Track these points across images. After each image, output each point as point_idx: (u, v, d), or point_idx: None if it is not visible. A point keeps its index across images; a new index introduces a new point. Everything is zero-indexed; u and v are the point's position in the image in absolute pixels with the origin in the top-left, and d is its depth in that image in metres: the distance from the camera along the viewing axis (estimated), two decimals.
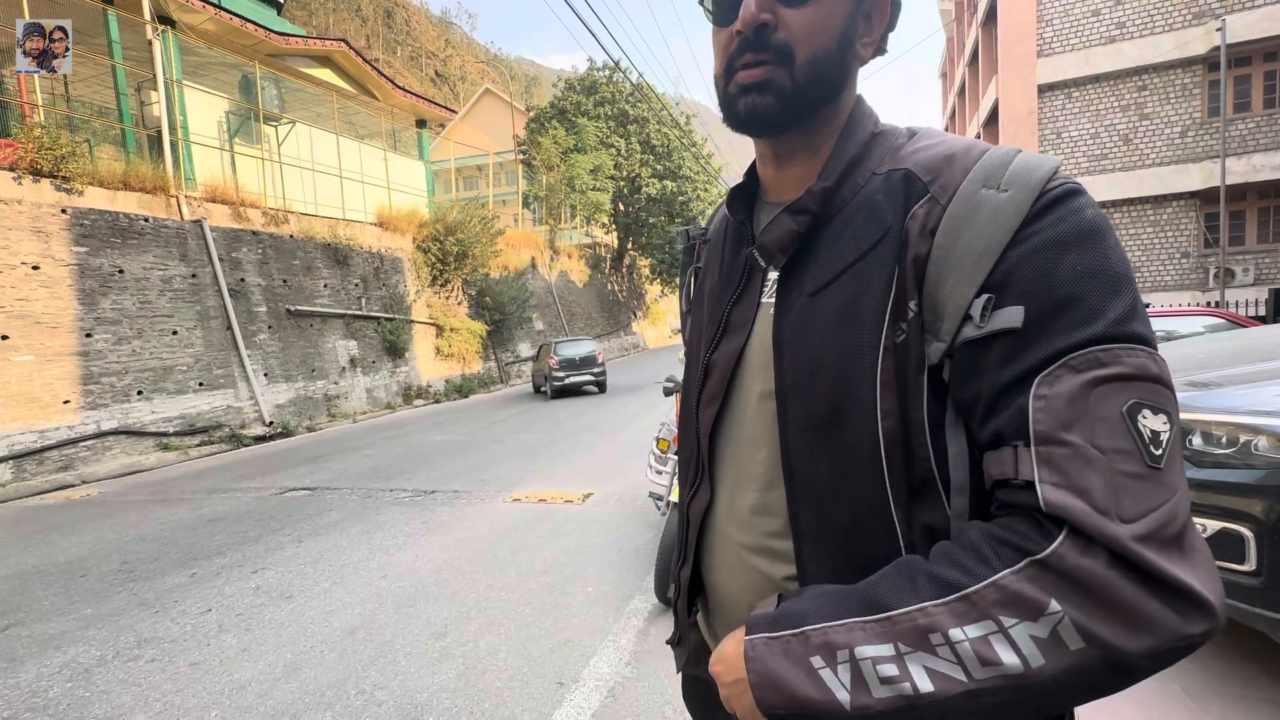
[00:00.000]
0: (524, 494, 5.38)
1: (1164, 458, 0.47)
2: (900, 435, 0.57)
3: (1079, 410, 0.48)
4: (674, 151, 25.45)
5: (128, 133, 10.09)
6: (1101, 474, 0.47)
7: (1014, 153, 0.56)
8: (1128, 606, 0.46)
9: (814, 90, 0.62)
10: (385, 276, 13.11)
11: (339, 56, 14.56)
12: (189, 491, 6.21)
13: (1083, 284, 0.50)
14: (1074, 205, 0.52)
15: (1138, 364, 0.48)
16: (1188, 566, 0.46)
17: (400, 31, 78.47)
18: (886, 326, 0.56)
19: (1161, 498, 0.47)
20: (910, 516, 0.57)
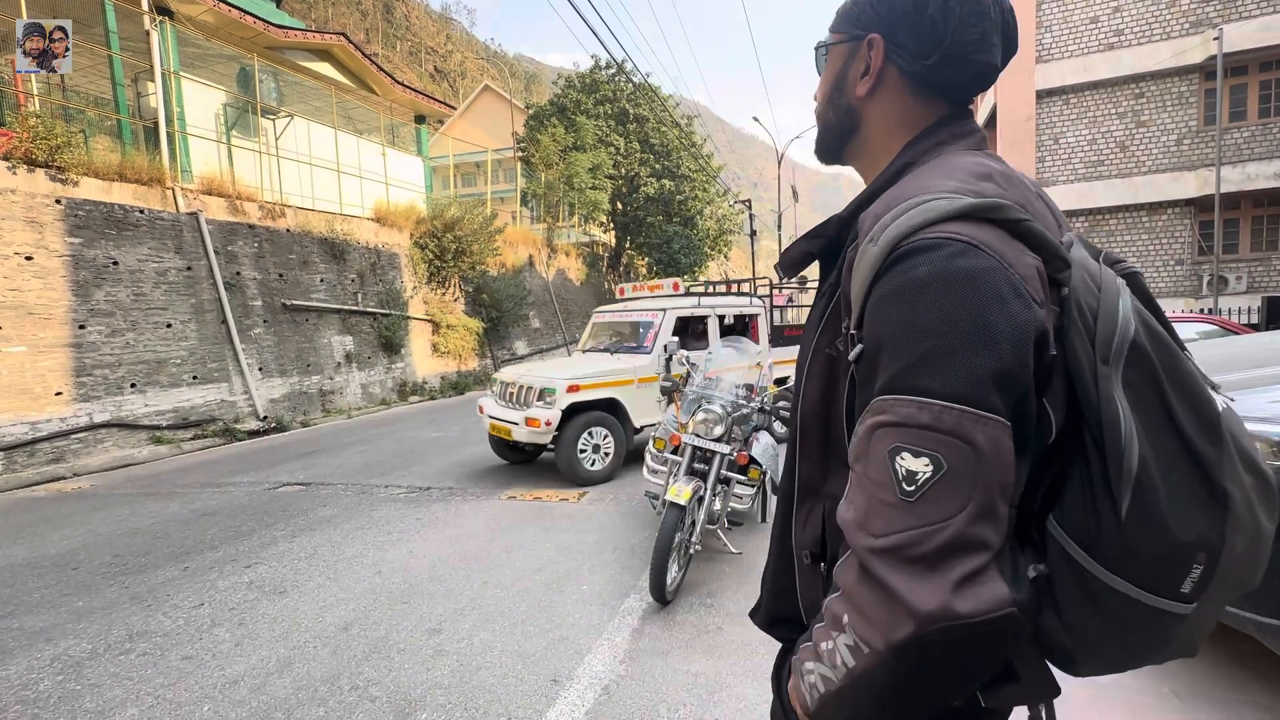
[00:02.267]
0: (519, 492, 5.38)
1: (918, 493, 0.55)
2: (816, 419, 0.75)
3: (863, 447, 0.60)
4: (673, 151, 25.44)
5: (124, 124, 10.02)
6: (866, 497, 0.59)
7: (911, 207, 0.62)
8: (864, 608, 0.58)
9: (825, 134, 0.84)
10: (382, 272, 13.06)
11: (338, 50, 14.49)
12: (182, 485, 6.17)
13: (889, 337, 0.59)
14: (908, 264, 0.59)
15: (904, 414, 0.56)
16: (913, 579, 0.54)
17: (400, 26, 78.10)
18: (820, 334, 0.74)
19: (907, 524, 0.55)
20: (823, 483, 0.76)
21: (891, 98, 0.76)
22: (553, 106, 24.56)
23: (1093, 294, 0.62)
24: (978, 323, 0.55)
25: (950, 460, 0.54)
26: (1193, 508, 0.59)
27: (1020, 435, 0.58)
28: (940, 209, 0.60)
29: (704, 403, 3.51)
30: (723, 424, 3.37)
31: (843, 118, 0.79)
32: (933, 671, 0.56)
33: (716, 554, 3.74)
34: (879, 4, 0.74)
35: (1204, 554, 0.59)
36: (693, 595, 3.23)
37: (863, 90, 0.76)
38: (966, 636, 0.53)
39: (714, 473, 3.32)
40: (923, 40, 0.72)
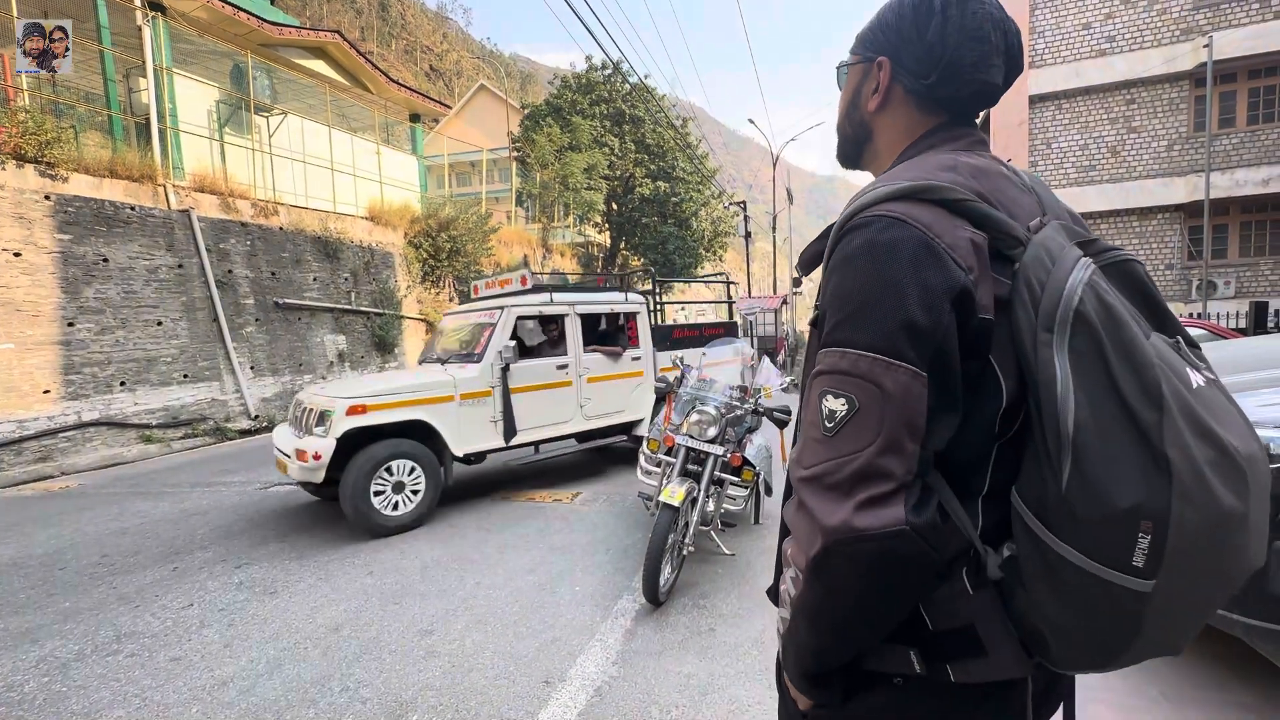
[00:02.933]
0: (512, 492, 5.36)
1: (836, 429, 0.65)
2: None
3: (810, 397, 0.70)
4: (669, 152, 25.46)
5: (115, 119, 9.93)
6: (802, 436, 0.70)
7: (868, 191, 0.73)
8: (796, 534, 0.68)
9: (843, 144, 0.94)
10: (375, 271, 13.00)
11: (333, 48, 14.42)
12: (171, 485, 6.12)
13: (829, 302, 0.70)
14: (847, 240, 0.70)
15: (830, 362, 0.67)
16: (827, 502, 0.63)
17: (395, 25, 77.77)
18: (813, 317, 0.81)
19: (827, 455, 0.65)
20: None
21: (898, 111, 0.85)
22: (548, 106, 24.52)
23: (1045, 269, 0.65)
24: (892, 283, 0.64)
25: (862, 400, 0.63)
26: (1131, 473, 0.59)
27: (943, 387, 0.65)
28: (880, 193, 0.70)
29: (698, 404, 3.51)
30: (717, 425, 3.38)
31: (857, 129, 0.90)
32: (842, 588, 0.65)
33: (710, 555, 3.75)
34: (888, 30, 0.83)
35: (1149, 522, 0.58)
36: (685, 597, 3.23)
37: (873, 105, 0.86)
38: (862, 551, 0.61)
39: (708, 474, 3.32)
40: (922, 61, 0.81)
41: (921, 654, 0.71)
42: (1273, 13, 11.47)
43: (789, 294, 22.69)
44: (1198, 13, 11.91)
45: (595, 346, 5.69)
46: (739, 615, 3.01)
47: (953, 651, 0.71)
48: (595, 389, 5.62)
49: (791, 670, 0.77)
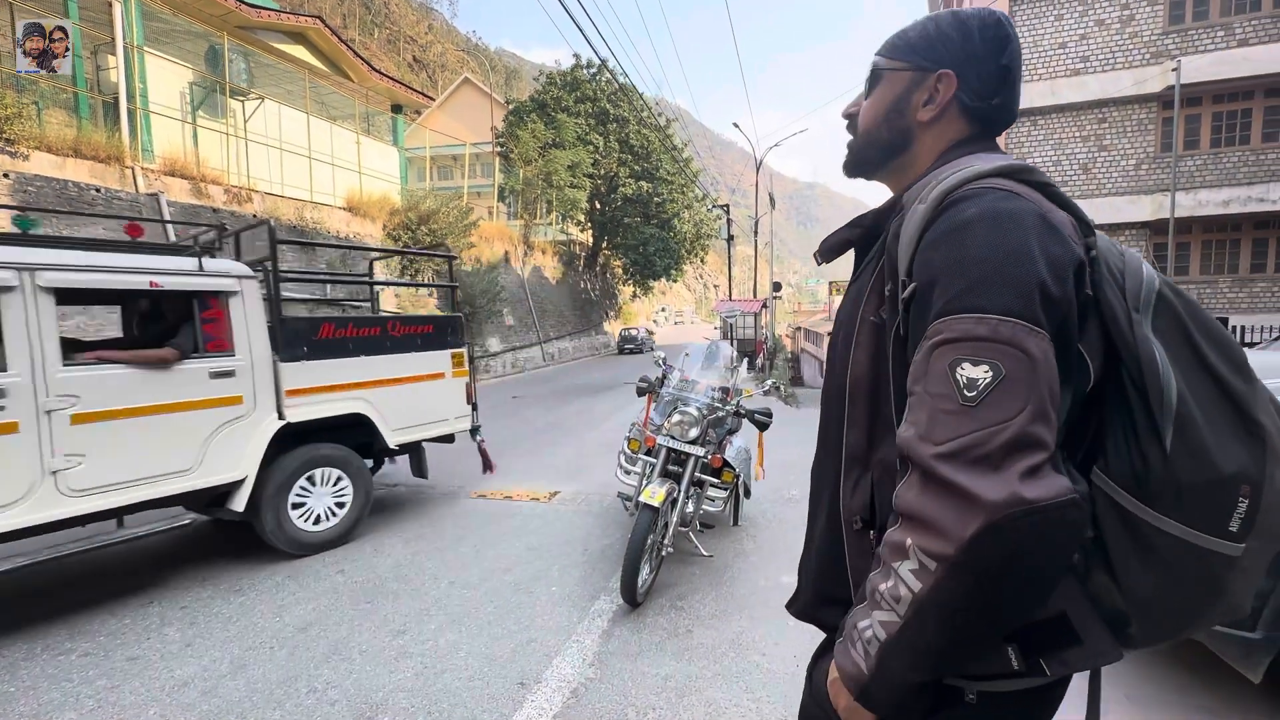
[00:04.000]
0: (489, 491, 5.29)
1: (979, 398, 0.60)
2: (866, 386, 0.78)
3: (922, 368, 0.65)
4: (653, 153, 25.49)
5: (81, 98, 9.56)
6: (927, 411, 0.63)
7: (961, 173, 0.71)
8: (929, 518, 0.60)
9: (869, 149, 0.90)
10: (352, 263, 12.76)
11: (313, 34, 14.12)
12: None
13: (941, 271, 0.65)
14: (958, 209, 0.67)
15: (962, 329, 0.62)
16: (980, 476, 0.57)
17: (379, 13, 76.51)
18: (866, 304, 0.80)
19: (970, 427, 0.59)
20: (871, 451, 0.79)
21: (946, 125, 0.84)
22: (533, 103, 24.37)
23: (1118, 257, 0.71)
24: (1024, 249, 0.63)
25: (1008, 367, 0.59)
26: (1231, 440, 0.64)
27: (1062, 358, 0.63)
28: (981, 169, 0.71)
29: (679, 404, 3.50)
30: (698, 426, 3.37)
31: (898, 137, 0.86)
32: (1002, 572, 0.57)
33: (688, 556, 3.74)
34: (949, 45, 0.82)
35: (1247, 486, 0.64)
36: (663, 597, 3.22)
37: (926, 117, 0.84)
38: (1036, 523, 0.56)
39: (688, 475, 3.31)
40: (987, 82, 0.81)
41: (1020, 649, 0.67)
42: (1237, 40, 11.93)
43: (769, 298, 22.89)
44: (1167, 37, 12.34)
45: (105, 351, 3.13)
46: (716, 617, 3.01)
47: (1048, 643, 0.68)
48: (100, 434, 2.97)
49: (892, 680, 0.66)
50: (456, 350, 4.75)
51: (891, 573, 0.64)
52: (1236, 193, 12.02)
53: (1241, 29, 11.92)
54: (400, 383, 4.31)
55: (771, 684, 2.44)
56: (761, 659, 2.63)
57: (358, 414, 4.02)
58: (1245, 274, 12.74)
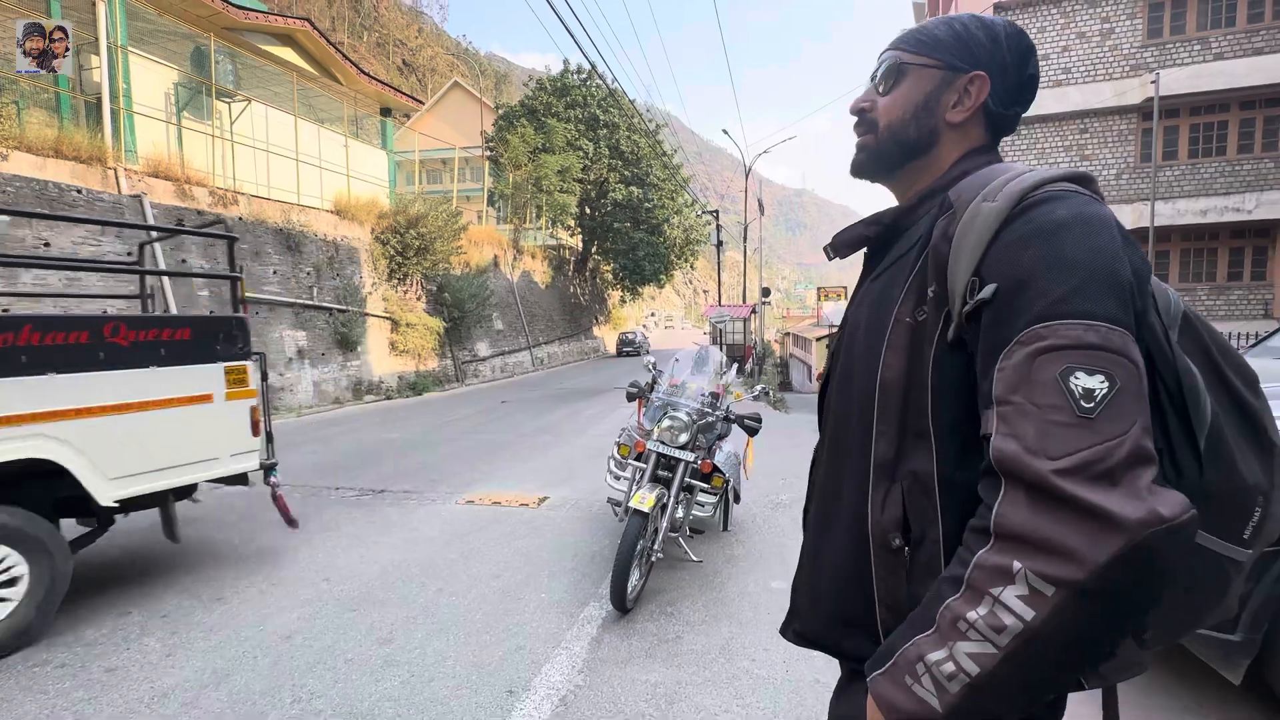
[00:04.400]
0: (477, 496, 5.25)
1: (1097, 409, 0.56)
2: (899, 389, 0.73)
3: (1023, 376, 0.59)
4: (643, 159, 25.58)
5: (63, 98, 9.43)
6: (1034, 423, 0.57)
7: (1029, 173, 0.68)
8: (1051, 540, 0.54)
9: (893, 148, 0.85)
10: (340, 266, 12.65)
11: (301, 36, 14.03)
12: None
13: (1036, 271, 0.61)
14: (1045, 209, 0.64)
15: (1073, 336, 0.58)
16: (1109, 492, 0.53)
17: (368, 17, 76.24)
18: (901, 304, 0.74)
19: (1090, 441, 0.55)
20: (901, 461, 0.73)
21: (970, 129, 0.83)
22: (523, 108, 24.38)
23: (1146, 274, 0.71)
24: (1118, 255, 0.62)
25: (1121, 377, 0.57)
26: (1249, 454, 0.68)
27: None
28: (1052, 172, 0.68)
29: (669, 410, 3.50)
30: (688, 431, 3.37)
31: (924, 137, 0.83)
32: (1133, 594, 0.54)
33: (677, 562, 3.73)
34: (980, 49, 0.80)
35: (1262, 497, 0.68)
36: (653, 604, 3.21)
37: (957, 118, 0.81)
38: (1174, 541, 0.53)
39: (678, 480, 3.31)
40: (1012, 91, 0.81)
41: None
42: (1213, 54, 12.23)
43: (758, 303, 23.01)
44: (1146, 50, 12.61)
45: None
46: (706, 622, 3.00)
47: None
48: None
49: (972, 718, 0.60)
50: (235, 364, 3.46)
51: (988, 600, 0.57)
52: (1214, 202, 12.28)
53: (1217, 43, 12.22)
54: (126, 410, 3.00)
55: (761, 690, 2.44)
56: (751, 665, 2.62)
57: (40, 460, 2.73)
58: (1222, 281, 13.02)
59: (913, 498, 0.71)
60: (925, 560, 0.69)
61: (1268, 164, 12.22)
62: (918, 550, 0.70)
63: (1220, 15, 12.23)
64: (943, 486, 0.69)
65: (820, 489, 0.86)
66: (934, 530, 0.69)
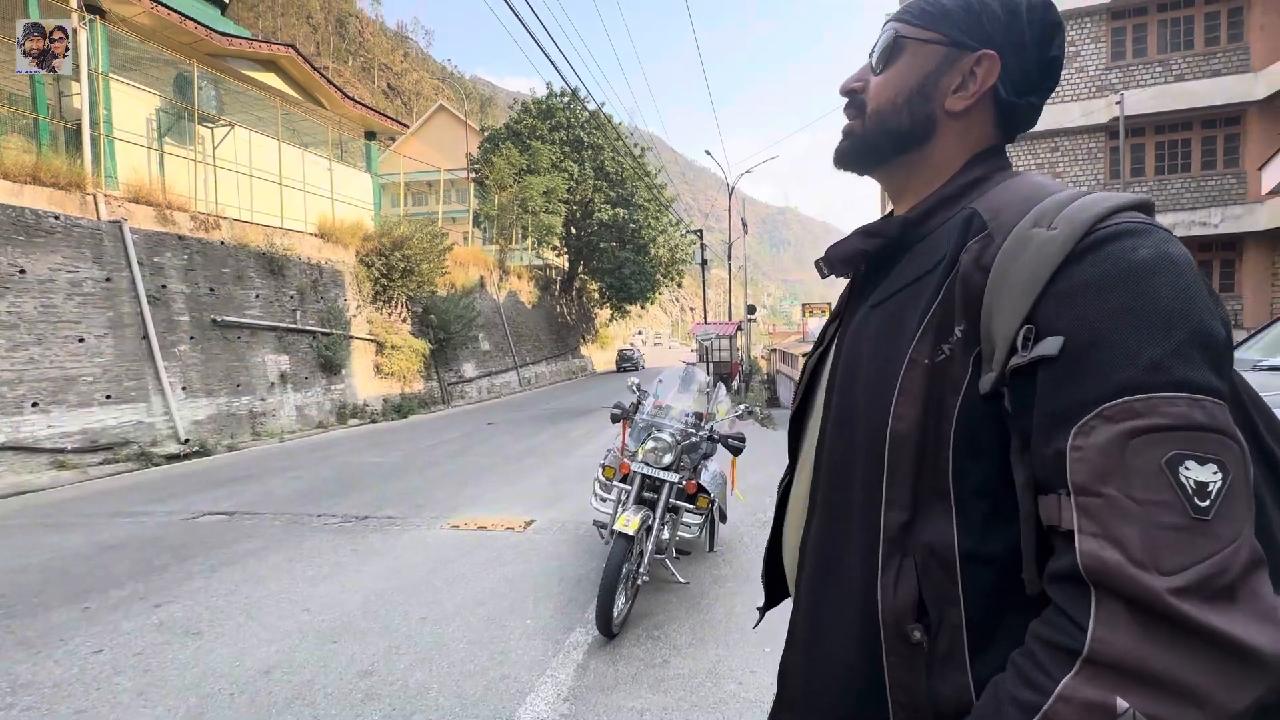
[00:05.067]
0: (462, 520, 5.19)
1: (1212, 508, 0.45)
2: (914, 442, 0.59)
3: (1114, 462, 0.47)
4: (628, 180, 25.87)
5: (42, 124, 9.37)
6: (1138, 526, 0.46)
7: (1086, 195, 0.56)
8: (1174, 677, 0.43)
9: (881, 137, 0.72)
10: (324, 289, 12.58)
11: (285, 62, 14.11)
12: (86, 515, 5.65)
13: (1120, 326, 0.49)
14: (1124, 245, 0.51)
15: (1178, 413, 0.46)
16: (1232, 613, 0.43)
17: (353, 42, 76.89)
18: (919, 341, 0.60)
19: (1208, 549, 0.44)
20: (914, 530, 0.60)
21: (976, 119, 0.69)
22: (508, 130, 24.61)
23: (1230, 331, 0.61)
24: (1210, 311, 0.50)
25: (1232, 464, 0.46)
26: None
27: None
28: (1117, 198, 0.55)
29: (654, 431, 3.51)
30: (672, 452, 3.38)
31: (917, 125, 0.69)
32: None
33: (664, 584, 3.71)
34: (994, 23, 0.66)
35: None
36: (639, 628, 3.18)
37: (957, 106, 0.68)
38: None
39: (663, 501, 3.31)
40: (1030, 75, 0.67)
41: None
42: (1174, 76, 12.71)
43: (743, 320, 23.18)
44: (1110, 72, 13.08)
45: None
46: (693, 645, 2.98)
47: None
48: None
49: None
50: None
51: None
52: (1180, 217, 12.66)
53: (1177, 65, 12.71)
54: None
55: (749, 713, 2.42)
56: (738, 688, 2.60)
57: None
58: None
59: (929, 575, 0.58)
60: (945, 649, 0.57)
61: (1230, 180, 12.66)
62: (936, 638, 0.58)
63: (1179, 39, 12.74)
64: (965, 561, 0.57)
65: (812, 555, 0.71)
66: (954, 613, 0.57)
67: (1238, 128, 12.64)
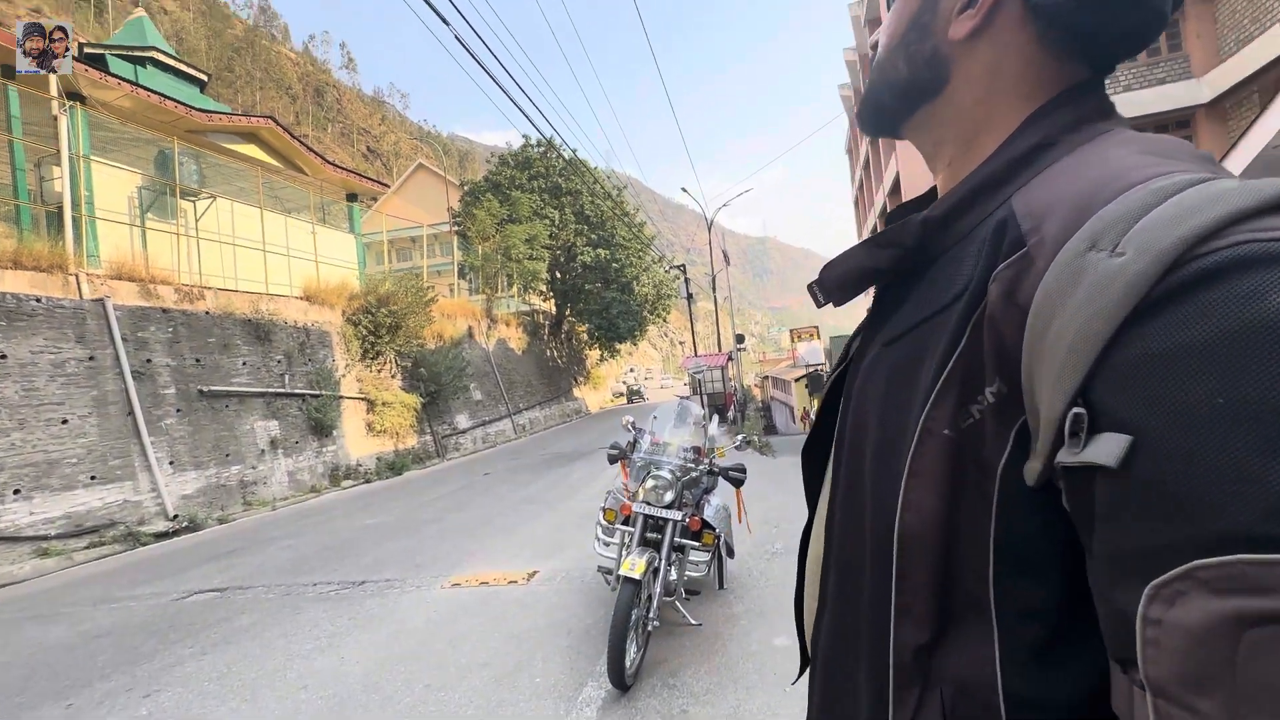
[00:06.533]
0: (463, 578, 5.04)
1: None
2: (933, 544, 0.43)
3: (1217, 662, 0.28)
4: (607, 221, 26.34)
5: (23, 209, 9.43)
6: None
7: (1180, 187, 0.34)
8: None
9: (883, 93, 0.55)
10: (311, 351, 12.52)
11: (266, 132, 14.41)
12: (70, 604, 5.42)
13: (1225, 431, 0.29)
14: (1240, 287, 0.30)
15: None
16: None
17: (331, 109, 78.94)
18: (934, 404, 0.42)
19: None
20: (937, 655, 0.43)
21: (1005, 46, 0.48)
22: (487, 183, 25.12)
23: None
24: None
25: None
26: None
27: None
28: (1239, 195, 0.32)
29: (653, 469, 3.46)
30: (673, 489, 3.32)
31: (920, 69, 0.52)
32: None
33: (675, 627, 3.59)
34: None
35: None
36: (654, 676, 3.06)
37: (961, 31, 0.49)
38: None
39: (668, 541, 3.23)
40: None
41: None
42: (1122, 87, 13.28)
43: (733, 350, 23.29)
44: None
45: None
46: (711, 691, 2.86)
47: None
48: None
49: None
50: None
51: None
52: None
53: (1124, 76, 13.30)
54: None
55: None
56: None
57: None
58: None
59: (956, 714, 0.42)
60: None
61: None
62: None
63: None
64: (1013, 707, 0.40)
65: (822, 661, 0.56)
66: None
67: (1189, 130, 13.15)
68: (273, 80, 73.58)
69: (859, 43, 20.01)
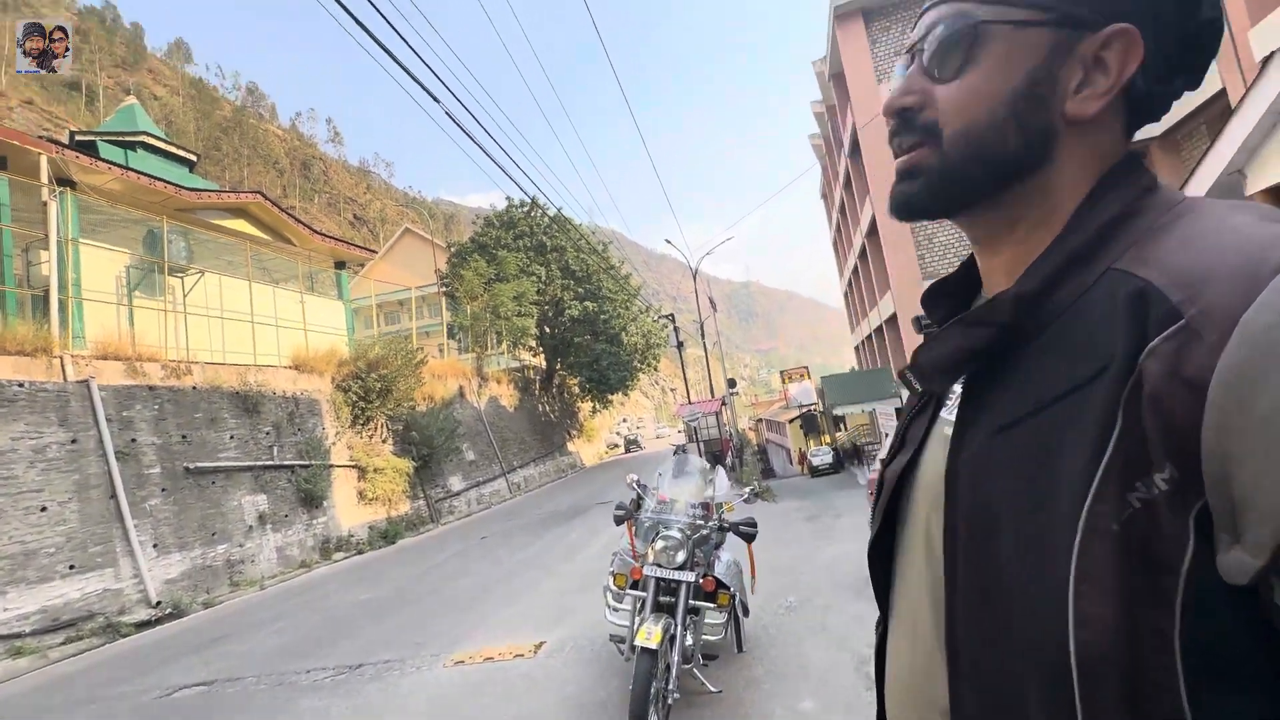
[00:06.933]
0: (466, 654, 4.80)
1: None
2: (1118, 658, 0.37)
3: None
4: (593, 274, 26.74)
5: (9, 295, 9.39)
6: None
7: None
8: None
9: (974, 167, 0.49)
10: (300, 421, 12.33)
11: (254, 207, 14.64)
12: (44, 709, 5.07)
13: None
14: None
15: None
16: None
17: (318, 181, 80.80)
18: (1096, 497, 0.38)
19: None
20: None
21: (1107, 127, 0.48)
22: (474, 244, 25.56)
23: None
24: None
25: None
26: None
27: None
28: None
29: (661, 528, 3.36)
30: (684, 549, 3.22)
31: (1032, 145, 0.48)
32: None
33: (694, 696, 3.41)
34: None
35: None
36: None
37: (1087, 110, 0.47)
38: None
39: (682, 604, 3.11)
40: (1172, 53, 0.46)
41: None
42: None
43: (725, 395, 23.28)
44: None
45: None
46: None
47: None
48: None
49: None
50: None
51: None
52: None
53: None
54: None
55: None
56: None
57: None
58: None
59: None
60: None
61: None
62: None
63: None
64: None
65: None
66: None
67: (1146, 160, 13.81)
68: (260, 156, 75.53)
69: (824, 95, 21.04)
